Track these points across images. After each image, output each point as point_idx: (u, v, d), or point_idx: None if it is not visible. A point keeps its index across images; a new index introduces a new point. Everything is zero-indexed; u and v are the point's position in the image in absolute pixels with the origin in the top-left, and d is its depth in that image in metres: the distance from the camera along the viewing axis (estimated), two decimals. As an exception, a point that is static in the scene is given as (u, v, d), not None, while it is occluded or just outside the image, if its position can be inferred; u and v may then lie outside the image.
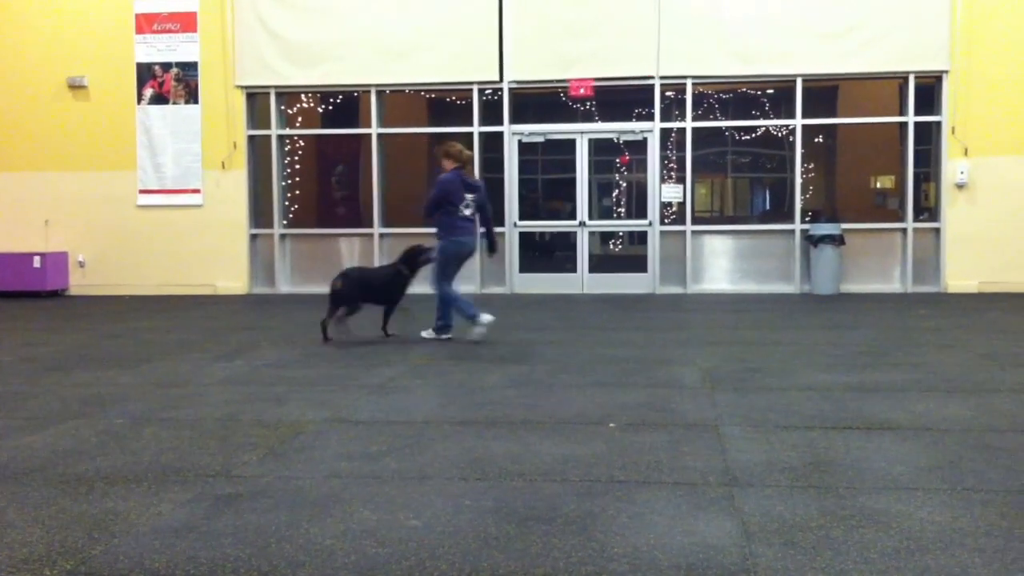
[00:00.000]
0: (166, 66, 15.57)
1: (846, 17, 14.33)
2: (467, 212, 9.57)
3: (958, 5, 14.12)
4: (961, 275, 14.32)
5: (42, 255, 15.47)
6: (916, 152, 14.57)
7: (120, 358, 8.86)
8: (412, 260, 9.86)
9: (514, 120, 15.20)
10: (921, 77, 14.45)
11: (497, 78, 14.99)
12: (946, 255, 14.40)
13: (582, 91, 14.90)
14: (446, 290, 9.62)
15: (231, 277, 15.54)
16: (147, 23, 15.55)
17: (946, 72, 14.27)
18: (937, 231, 14.52)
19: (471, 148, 15.13)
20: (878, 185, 15.63)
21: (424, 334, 9.82)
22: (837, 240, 14.16)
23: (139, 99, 15.62)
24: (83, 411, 6.42)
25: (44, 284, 15.42)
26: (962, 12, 14.11)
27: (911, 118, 14.49)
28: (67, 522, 4.11)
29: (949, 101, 14.29)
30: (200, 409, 6.43)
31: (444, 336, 9.70)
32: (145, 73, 15.61)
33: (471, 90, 15.19)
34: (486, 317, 9.40)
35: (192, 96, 15.54)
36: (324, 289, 15.27)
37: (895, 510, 4.12)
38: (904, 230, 14.61)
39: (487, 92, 15.25)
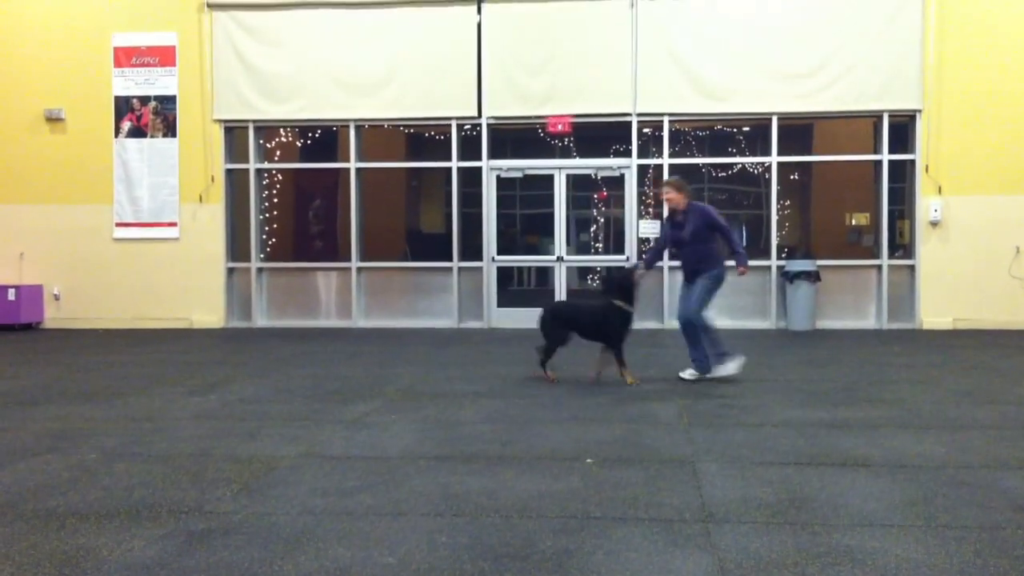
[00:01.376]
0: (144, 99, 15.56)
1: (820, 57, 14.49)
2: None
3: (930, 45, 14.31)
4: (935, 312, 14.42)
5: (16, 287, 15.35)
6: (890, 190, 14.70)
7: (93, 392, 8.78)
8: (626, 287, 9.12)
9: (492, 155, 15.26)
10: (895, 116, 14.61)
11: (475, 113, 15.05)
12: (920, 292, 14.50)
13: (560, 127, 14.98)
14: (709, 320, 9.30)
15: (207, 311, 15.47)
16: (125, 57, 15.55)
17: (919, 111, 14.44)
18: (912, 268, 14.63)
19: (449, 183, 15.24)
20: (853, 222, 15.75)
21: (686, 375, 9.22)
22: (812, 276, 14.24)
23: (116, 132, 15.58)
24: (55, 446, 6.35)
25: (18, 317, 15.29)
26: (934, 52, 14.30)
27: (885, 156, 14.63)
28: (38, 559, 4.06)
29: (923, 139, 14.44)
30: (173, 444, 6.38)
31: (721, 372, 9.18)
32: (123, 106, 15.59)
33: (450, 125, 15.25)
34: (730, 367, 9.21)
35: (170, 129, 15.52)
36: (301, 323, 15.41)
37: (870, 547, 4.13)
38: (879, 267, 14.71)
39: (466, 127, 15.31)
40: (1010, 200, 14.25)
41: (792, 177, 15.56)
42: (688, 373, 9.27)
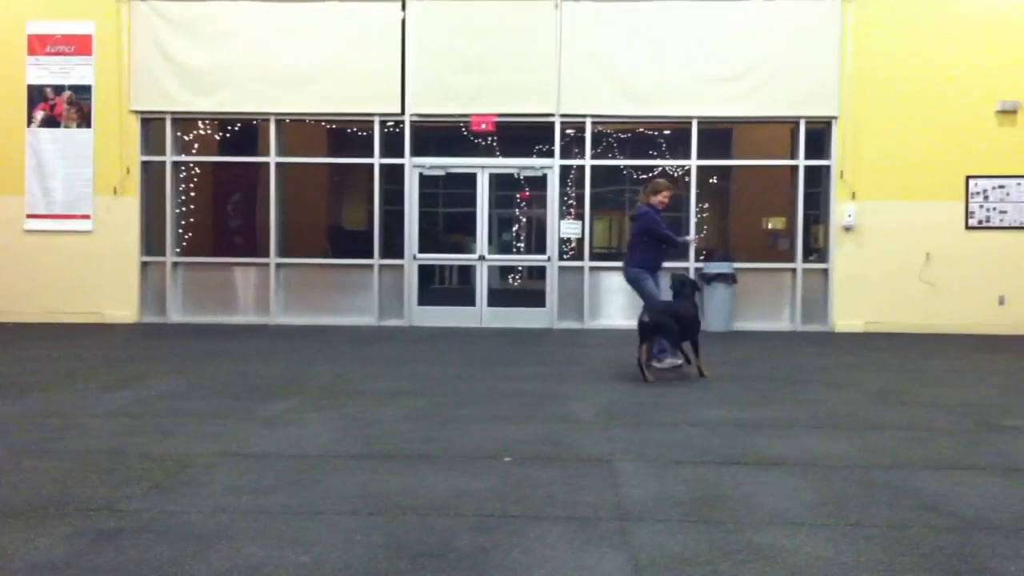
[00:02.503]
0: (58, 89, 15.19)
1: (740, 63, 14.70)
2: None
3: (847, 54, 14.61)
4: (848, 315, 14.73)
5: (-79, 280, 14.90)
6: (806, 195, 14.97)
7: (1, 387, 8.55)
8: (696, 289, 10.00)
9: (415, 153, 15.19)
10: (811, 122, 14.88)
11: (399, 110, 14.98)
12: (834, 295, 14.79)
13: (484, 126, 14.98)
14: None
15: (120, 305, 15.15)
16: (40, 44, 15.17)
17: (835, 118, 14.73)
18: (825, 272, 14.91)
19: (371, 180, 15.15)
20: (770, 226, 16.02)
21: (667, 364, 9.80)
22: (729, 279, 14.45)
23: (29, 122, 15.19)
24: (-41, 442, 6.18)
25: (-78, 310, 14.84)
26: (851, 61, 14.61)
27: (802, 162, 14.89)
28: (-63, 558, 3.94)
29: (838, 146, 14.73)
30: (84, 441, 6.24)
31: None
32: (36, 95, 15.20)
33: (372, 122, 15.14)
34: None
35: (85, 120, 15.17)
36: (217, 319, 15.17)
37: (782, 545, 4.20)
38: (794, 270, 14.97)
39: (388, 124, 15.22)
40: (922, 206, 14.61)
41: (711, 181, 15.75)
42: (668, 361, 9.74)
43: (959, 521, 4.61)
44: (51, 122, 15.18)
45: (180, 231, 15.48)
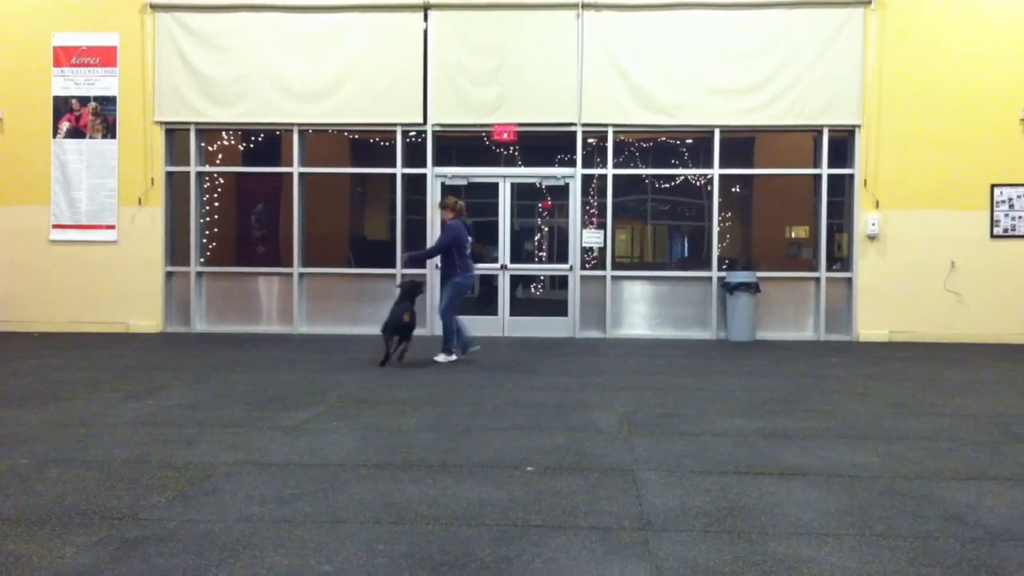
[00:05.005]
0: (84, 100, 15.32)
1: (762, 72, 14.66)
2: (469, 252, 11.57)
3: (870, 62, 14.55)
4: (872, 324, 14.65)
5: (-52, 289, 15.04)
6: (829, 203, 14.91)
7: (26, 396, 8.61)
8: (415, 293, 11.35)
9: (437, 162, 15.23)
10: (834, 131, 14.82)
11: (421, 120, 15.02)
12: (858, 305, 14.72)
13: (505, 136, 15.00)
14: (453, 319, 11.49)
15: (144, 315, 15.24)
16: (65, 56, 15.31)
17: (858, 126, 14.67)
18: (849, 281, 14.84)
19: (394, 189, 15.20)
20: (792, 235, 15.95)
21: (440, 359, 11.39)
22: (752, 288, 14.39)
23: (55, 133, 15.32)
24: (-15, 451, 6.22)
25: (-51, 319, 14.97)
26: (874, 69, 14.55)
27: (825, 170, 14.84)
28: (-36, 566, 3.97)
29: (861, 155, 14.67)
30: (108, 450, 6.27)
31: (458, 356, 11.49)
32: (62, 106, 15.34)
33: (395, 131, 15.19)
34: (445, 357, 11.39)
35: (110, 131, 15.29)
36: (241, 329, 15.24)
37: (806, 555, 4.17)
38: (817, 279, 14.90)
39: (411, 134, 15.26)
40: (946, 215, 14.53)
41: (733, 190, 15.72)
42: (440, 357, 11.43)
43: (985, 532, 4.58)
44: (76, 133, 15.30)
45: (204, 241, 15.56)
